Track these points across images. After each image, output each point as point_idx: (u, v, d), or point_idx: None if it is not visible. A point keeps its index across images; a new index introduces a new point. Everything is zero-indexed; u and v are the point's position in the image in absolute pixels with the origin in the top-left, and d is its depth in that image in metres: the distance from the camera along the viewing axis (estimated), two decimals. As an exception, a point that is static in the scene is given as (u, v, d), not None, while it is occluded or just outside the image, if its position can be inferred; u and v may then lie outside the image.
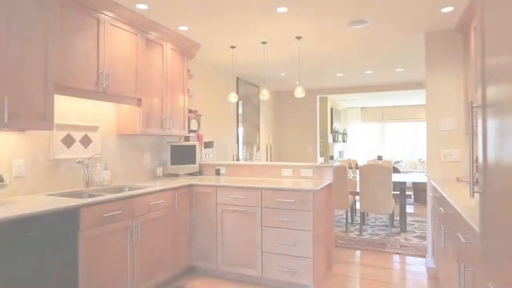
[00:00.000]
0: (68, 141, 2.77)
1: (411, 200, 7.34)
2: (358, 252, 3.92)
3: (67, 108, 2.77)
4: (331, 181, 3.36)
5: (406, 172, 8.76)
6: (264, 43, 3.93)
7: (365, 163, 5.11)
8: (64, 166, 2.73)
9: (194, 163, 3.87)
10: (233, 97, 4.17)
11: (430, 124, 3.49)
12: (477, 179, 2.44)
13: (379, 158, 6.66)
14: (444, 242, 2.45)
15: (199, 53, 4.36)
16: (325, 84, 6.87)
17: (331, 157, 8.26)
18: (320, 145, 7.94)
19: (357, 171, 5.73)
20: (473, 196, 1.36)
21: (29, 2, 2.15)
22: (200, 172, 3.97)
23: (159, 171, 3.69)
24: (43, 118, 2.23)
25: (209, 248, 3.22)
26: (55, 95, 2.36)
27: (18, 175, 2.41)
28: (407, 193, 5.01)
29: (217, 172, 3.90)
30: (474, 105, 1.33)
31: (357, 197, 6.06)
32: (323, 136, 8.38)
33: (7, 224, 1.77)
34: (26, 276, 1.85)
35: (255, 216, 3.01)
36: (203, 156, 4.16)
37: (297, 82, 6.58)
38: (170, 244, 2.98)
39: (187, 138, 4.07)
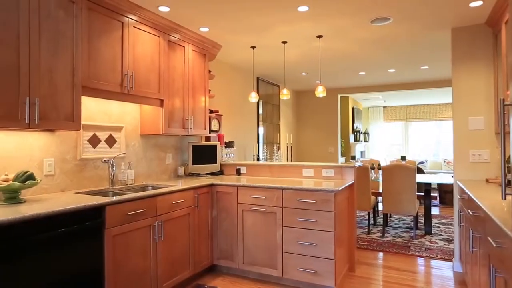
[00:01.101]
0: (94, 141, 2.86)
1: (436, 201, 7.11)
2: (380, 254, 3.84)
3: (93, 109, 2.86)
4: (353, 181, 3.30)
5: (431, 173, 8.50)
6: (284, 42, 3.92)
7: (388, 163, 4.99)
8: (90, 165, 2.82)
9: (215, 162, 3.91)
10: (253, 97, 4.18)
11: (457, 123, 3.36)
12: (508, 180, 2.34)
13: (403, 158, 6.49)
14: (472, 246, 2.36)
15: (220, 53, 4.40)
16: (346, 83, 6.77)
17: (353, 157, 8.13)
18: (341, 145, 7.84)
19: (380, 171, 5.61)
20: (505, 198, 1.30)
21: (58, 7, 2.24)
22: (221, 172, 4.01)
23: (181, 170, 3.75)
24: (71, 119, 2.32)
25: (230, 248, 3.24)
26: (82, 97, 2.44)
27: (48, 173, 2.51)
28: (432, 194, 4.86)
29: (238, 172, 3.92)
30: (505, 103, 1.27)
31: (380, 198, 5.94)
32: (344, 136, 8.26)
33: (40, 220, 1.85)
34: (56, 269, 1.92)
35: (276, 216, 3.01)
36: (224, 156, 4.19)
37: (318, 82, 6.52)
38: (191, 243, 3.03)
39: (208, 138, 4.11)
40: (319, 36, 3.70)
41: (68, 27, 2.31)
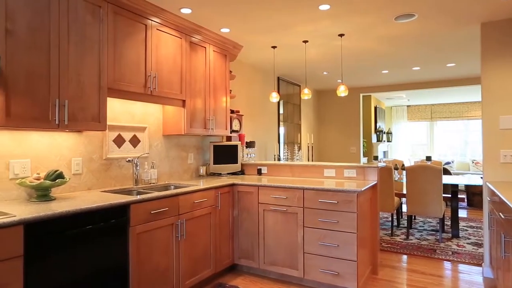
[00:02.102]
0: (119, 141, 2.94)
1: (464, 204, 6.86)
2: (405, 257, 3.73)
3: (118, 110, 2.94)
4: (376, 182, 3.23)
5: (458, 174, 8.20)
6: (305, 42, 3.88)
7: (412, 163, 4.85)
8: (115, 165, 2.90)
9: (236, 162, 3.93)
10: (274, 97, 4.17)
11: (486, 122, 3.23)
12: (543, 182, 2.21)
13: (428, 158, 6.29)
14: (504, 251, 2.26)
15: (241, 53, 4.41)
16: (369, 82, 6.64)
17: (375, 157, 7.96)
18: (363, 145, 7.69)
19: (404, 172, 5.46)
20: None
21: (85, 11, 2.31)
22: (242, 172, 4.02)
23: (203, 170, 3.79)
24: (97, 120, 2.39)
25: (251, 247, 3.25)
26: (107, 98, 2.51)
27: (76, 172, 2.60)
28: (459, 196, 4.69)
29: (259, 172, 3.92)
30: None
31: (404, 200, 5.78)
32: (367, 136, 8.10)
33: (69, 217, 1.91)
34: (83, 265, 1.99)
35: (297, 216, 2.99)
36: (245, 156, 4.20)
37: (340, 81, 6.43)
38: (213, 242, 3.05)
39: (229, 138, 4.14)
40: (341, 35, 3.65)
41: (95, 31, 2.38)
